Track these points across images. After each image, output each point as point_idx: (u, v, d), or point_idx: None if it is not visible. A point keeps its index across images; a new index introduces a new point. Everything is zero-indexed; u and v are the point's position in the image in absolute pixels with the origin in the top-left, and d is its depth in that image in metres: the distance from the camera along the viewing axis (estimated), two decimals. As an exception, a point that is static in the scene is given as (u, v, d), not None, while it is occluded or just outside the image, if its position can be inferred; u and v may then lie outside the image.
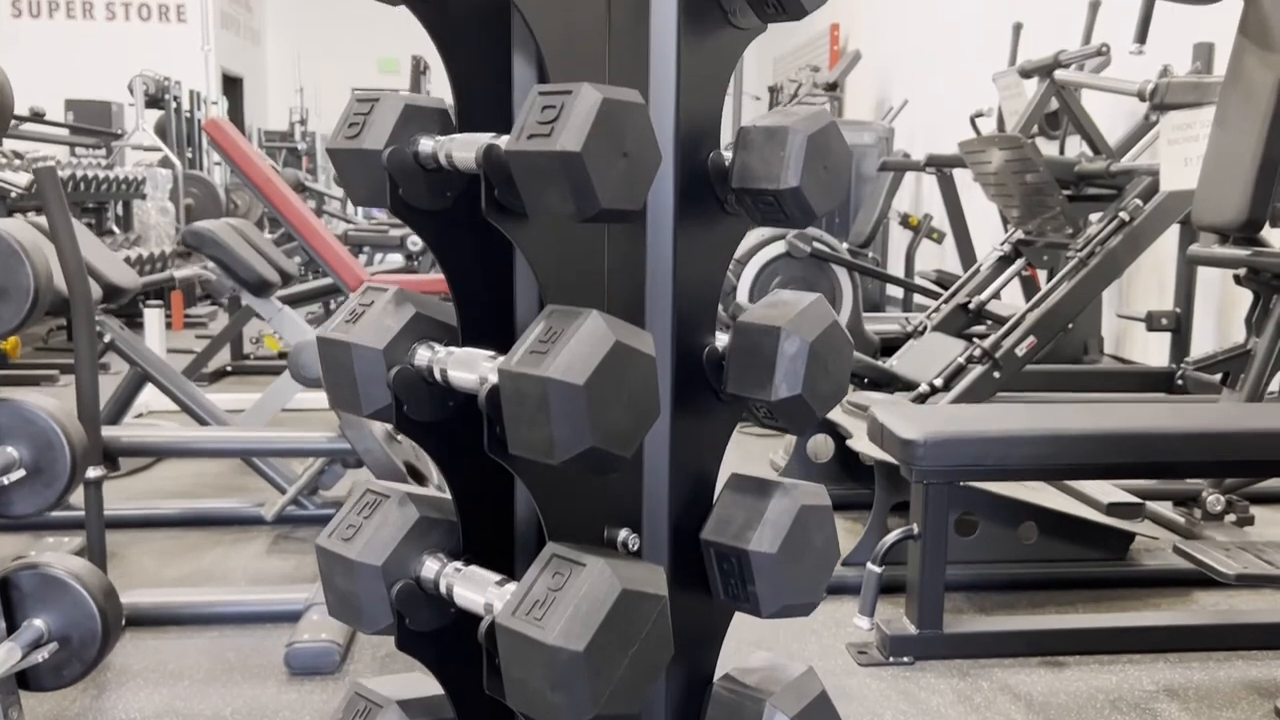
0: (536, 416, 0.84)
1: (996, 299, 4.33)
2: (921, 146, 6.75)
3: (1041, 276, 4.84)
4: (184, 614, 2.31)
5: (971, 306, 4.28)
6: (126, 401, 3.34)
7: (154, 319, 4.38)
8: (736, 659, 1.16)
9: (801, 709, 1.08)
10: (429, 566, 1.00)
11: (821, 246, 4.85)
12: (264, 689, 2.01)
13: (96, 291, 3.02)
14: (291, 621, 2.19)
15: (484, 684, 0.94)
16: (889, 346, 4.47)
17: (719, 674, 1.14)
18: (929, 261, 6.89)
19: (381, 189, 0.96)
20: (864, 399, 2.96)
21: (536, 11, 0.92)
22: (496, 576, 0.96)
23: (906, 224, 6.83)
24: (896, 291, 6.62)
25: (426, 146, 0.96)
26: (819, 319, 1.02)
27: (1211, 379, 3.44)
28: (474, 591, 0.96)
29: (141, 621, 2.23)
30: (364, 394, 0.98)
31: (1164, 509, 2.91)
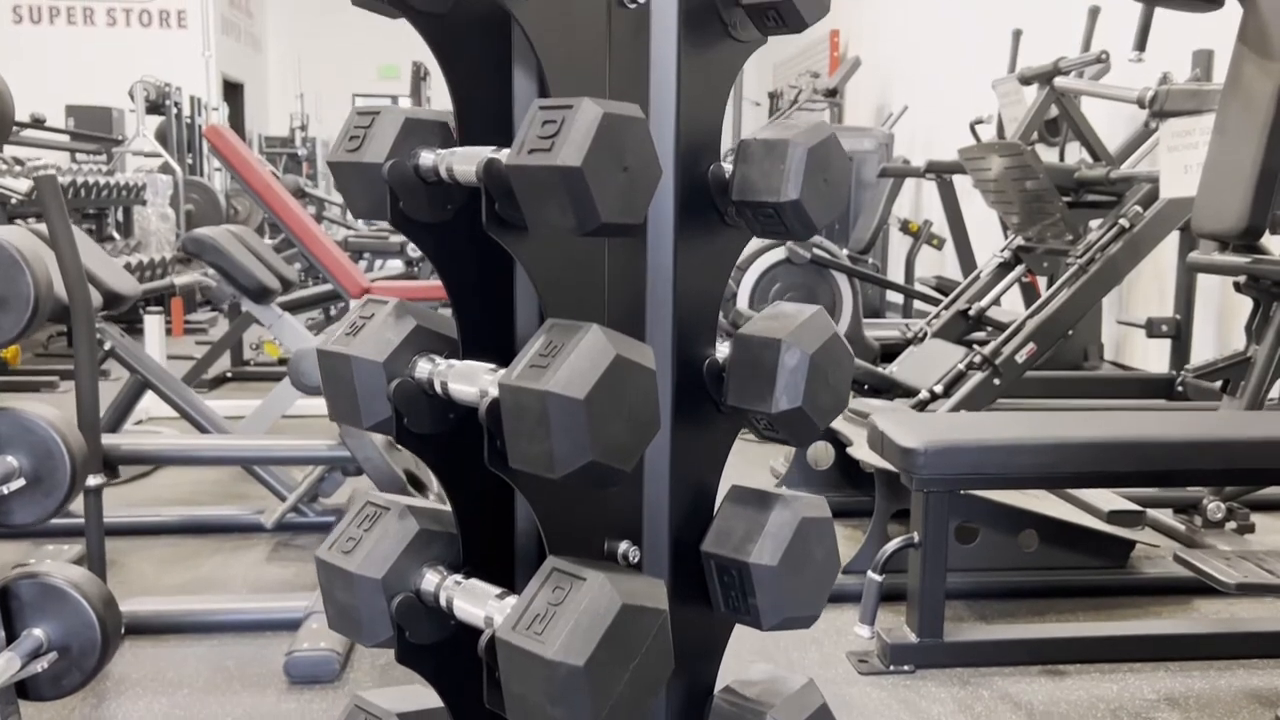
0: (537, 430, 0.84)
1: (996, 305, 4.33)
2: (921, 153, 6.75)
3: (1041, 283, 4.83)
4: (183, 622, 2.30)
5: (971, 313, 4.28)
6: (126, 408, 3.34)
7: (154, 325, 4.38)
8: (736, 670, 1.16)
9: (802, 721, 1.08)
10: (429, 579, 1.00)
11: (821, 253, 4.85)
12: (263, 698, 2.01)
13: (97, 299, 3.03)
14: (291, 630, 2.19)
15: (484, 698, 0.94)
16: (889, 353, 4.46)
17: (719, 686, 1.14)
18: (929, 268, 6.89)
19: (382, 201, 0.96)
20: (864, 406, 2.97)
21: (537, 25, 0.92)
22: (496, 590, 0.96)
23: (906, 230, 6.83)
24: (896, 297, 6.62)
25: (427, 160, 0.96)
26: (819, 331, 1.03)
27: (1212, 386, 3.44)
28: (474, 605, 0.96)
29: (141, 630, 2.22)
30: (364, 407, 0.98)
31: (1165, 516, 2.91)
